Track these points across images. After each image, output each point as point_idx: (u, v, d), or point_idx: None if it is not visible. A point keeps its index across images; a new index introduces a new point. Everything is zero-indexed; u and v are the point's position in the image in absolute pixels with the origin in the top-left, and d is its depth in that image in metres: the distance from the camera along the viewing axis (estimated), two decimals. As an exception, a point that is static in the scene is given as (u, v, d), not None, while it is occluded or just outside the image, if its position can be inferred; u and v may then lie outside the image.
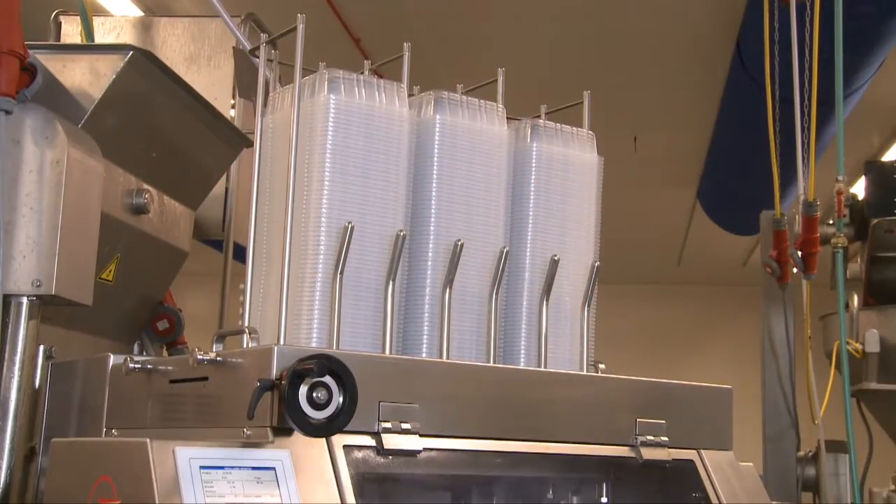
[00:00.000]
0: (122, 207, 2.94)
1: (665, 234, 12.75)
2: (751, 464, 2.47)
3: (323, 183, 2.23)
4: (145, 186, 3.03)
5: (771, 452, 4.93)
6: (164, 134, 3.12)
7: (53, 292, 2.41)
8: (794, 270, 4.58)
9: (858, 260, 4.86)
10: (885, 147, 9.51)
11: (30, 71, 2.53)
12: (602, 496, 2.56)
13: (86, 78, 2.70)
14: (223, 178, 3.99)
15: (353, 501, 1.87)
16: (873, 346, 4.42)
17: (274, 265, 2.27)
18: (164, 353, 3.65)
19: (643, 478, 2.47)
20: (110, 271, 2.96)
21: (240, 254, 2.92)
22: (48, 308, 2.51)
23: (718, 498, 2.35)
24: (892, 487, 4.87)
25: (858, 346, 4.42)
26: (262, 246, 2.32)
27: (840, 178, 4.40)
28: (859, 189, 5.11)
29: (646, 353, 11.75)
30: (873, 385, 4.49)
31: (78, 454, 2.02)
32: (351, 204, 2.25)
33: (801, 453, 4.94)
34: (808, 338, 4.68)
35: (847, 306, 4.48)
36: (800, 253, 4.41)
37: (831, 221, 4.54)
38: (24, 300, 2.41)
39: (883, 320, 4.52)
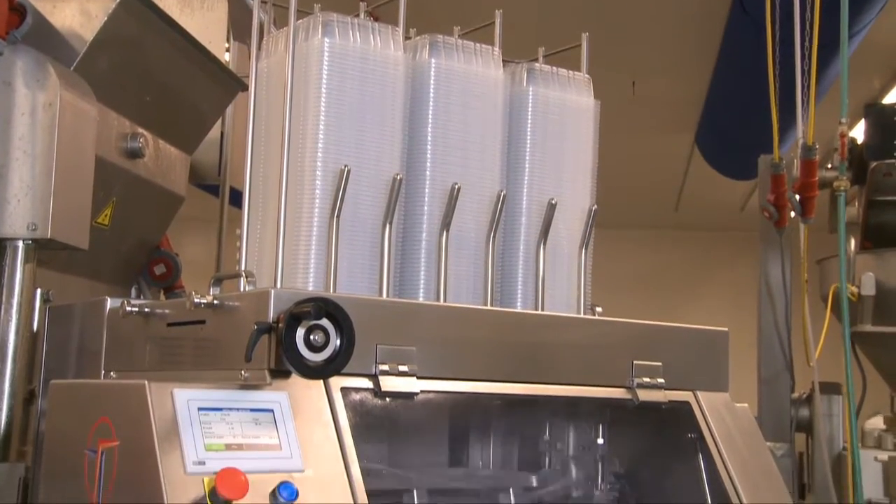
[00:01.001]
0: (116, 151, 2.93)
1: (663, 180, 12.72)
2: (746, 405, 2.49)
3: (318, 126, 2.22)
4: (140, 130, 3.01)
5: (765, 394, 4.97)
6: (157, 77, 3.09)
7: (49, 236, 2.40)
8: (792, 215, 4.57)
9: (856, 204, 4.85)
10: (885, 90, 9.45)
11: (19, 11, 2.50)
12: (599, 437, 2.59)
13: (77, 20, 2.67)
14: (218, 123, 3.96)
15: (351, 443, 1.88)
16: (869, 290, 4.43)
17: (270, 209, 2.26)
18: (162, 297, 3.66)
19: (639, 419, 2.49)
20: (106, 215, 2.95)
21: (236, 199, 2.91)
22: (44, 252, 2.51)
23: (714, 438, 2.37)
24: (884, 427, 4.92)
25: (854, 289, 4.43)
26: (258, 190, 2.31)
27: (843, 120, 4.38)
28: (858, 133, 5.08)
29: (643, 298, 11.78)
30: (868, 327, 4.51)
31: (77, 396, 2.03)
32: (346, 147, 2.24)
33: (795, 395, 4.98)
34: (805, 281, 4.69)
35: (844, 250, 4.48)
36: (798, 197, 4.40)
37: (830, 165, 4.52)
38: (20, 244, 2.41)
39: (879, 264, 4.53)
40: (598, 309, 2.57)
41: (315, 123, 2.22)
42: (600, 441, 2.58)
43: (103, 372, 2.29)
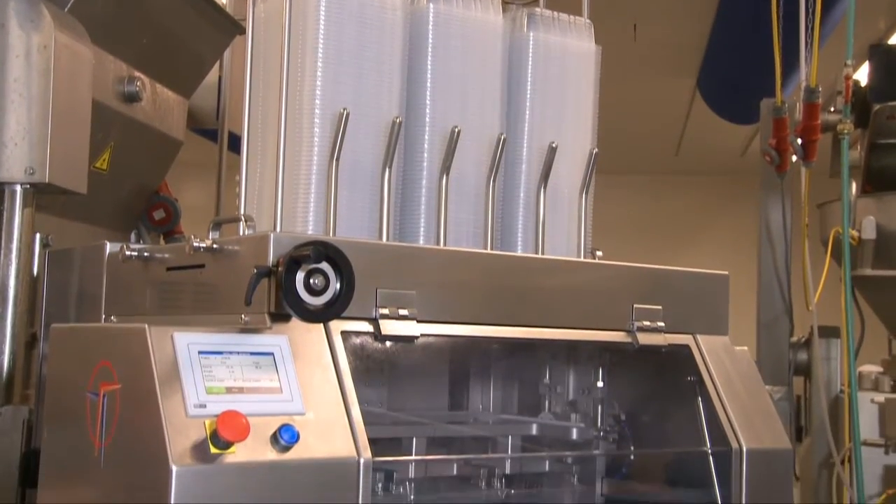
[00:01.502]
0: (113, 95, 2.91)
1: (663, 125, 12.65)
2: (745, 348, 2.49)
3: (316, 70, 2.20)
4: (137, 74, 2.98)
5: (764, 338, 4.99)
6: (154, 20, 3.05)
7: (47, 180, 2.39)
8: (794, 159, 4.55)
9: (858, 147, 4.83)
10: (891, 31, 9.33)
11: (10, -49, 2.47)
12: (598, 381, 2.60)
13: (70, -41, 2.63)
14: (216, 67, 3.93)
15: (352, 386, 1.88)
16: (870, 233, 4.42)
17: (269, 153, 2.25)
18: (161, 242, 3.66)
19: (639, 363, 2.50)
20: (104, 160, 2.94)
21: (235, 144, 2.89)
22: (43, 196, 2.50)
23: (713, 381, 2.38)
24: (881, 369, 4.95)
25: (855, 233, 4.42)
26: (257, 134, 2.30)
27: (848, 62, 4.33)
28: (862, 75, 5.04)
29: (643, 244, 11.78)
30: (868, 271, 4.51)
31: (77, 340, 2.04)
32: (345, 91, 2.23)
33: (794, 339, 5.00)
34: (806, 226, 4.68)
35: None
36: (799, 141, 4.37)
37: (832, 109, 4.49)
38: (18, 188, 2.40)
39: (880, 207, 4.52)
40: (599, 253, 2.56)
41: (313, 67, 2.20)
42: (600, 385, 2.59)
43: (104, 316, 2.29)
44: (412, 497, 2.28)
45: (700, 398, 2.39)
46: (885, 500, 4.73)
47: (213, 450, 1.67)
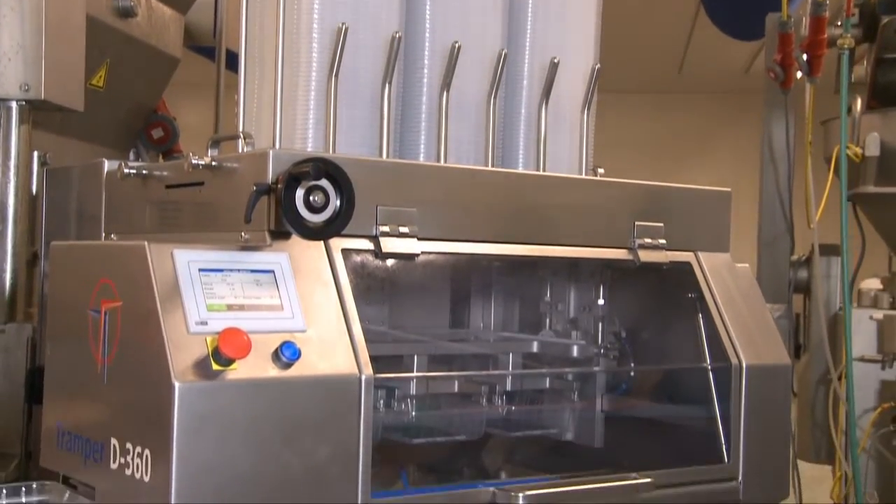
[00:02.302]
0: (108, 10, 2.86)
1: (666, 42, 12.50)
2: (746, 265, 2.49)
3: (314, -17, 2.15)
4: (131, -12, 2.93)
5: (765, 257, 5.00)
6: (148, -68, 2.99)
7: (43, 97, 2.37)
8: (798, 75, 4.50)
9: (864, 63, 4.76)
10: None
11: None
12: (599, 298, 2.60)
13: None
14: (213, -18, 3.86)
15: (353, 303, 1.89)
16: (873, 150, 4.39)
17: (267, 70, 2.22)
18: (160, 161, 3.65)
19: (640, 280, 2.50)
20: (100, 77, 2.90)
21: (233, 62, 2.86)
22: (39, 113, 2.48)
23: (714, 298, 2.38)
24: (881, 287, 4.96)
25: (858, 150, 4.39)
26: (255, 51, 2.26)
27: (856, -30, 4.25)
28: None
29: (645, 163, 11.74)
30: (870, 189, 4.49)
31: (77, 257, 2.04)
32: (343, 5, 2.18)
33: (795, 257, 5.01)
34: (809, 143, 4.65)
35: (850, 110, 4.41)
36: (805, 56, 4.31)
37: (839, 23, 4.41)
38: (14, 104, 2.38)
39: (885, 123, 4.47)
40: (600, 170, 2.55)
41: (310, -20, 2.15)
42: (601, 302, 2.60)
43: (104, 234, 2.29)
44: (413, 413, 2.30)
45: (701, 315, 2.40)
46: (880, 414, 4.79)
47: (215, 366, 1.68)
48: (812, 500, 6.68)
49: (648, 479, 2.15)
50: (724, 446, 2.32)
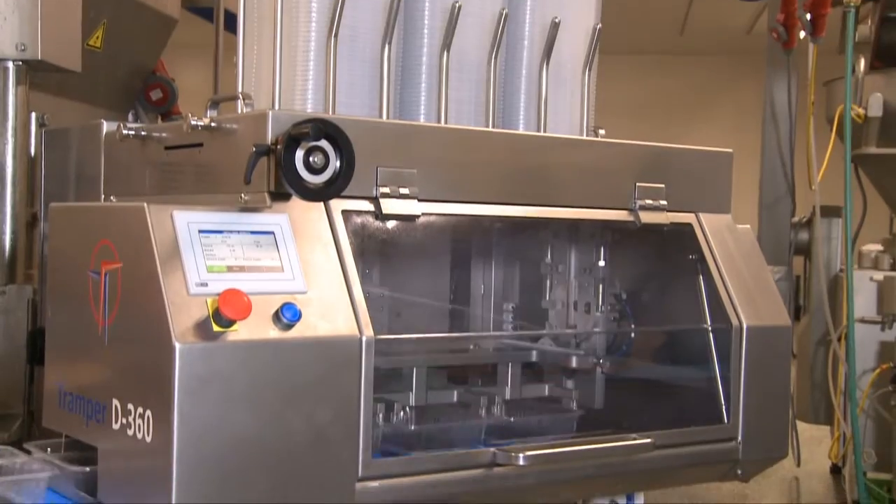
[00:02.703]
0: (105, -30, 2.83)
1: (668, 2, 12.41)
2: (748, 226, 2.48)
3: (313, -59, 2.12)
4: (127, -54, 2.90)
5: (766, 219, 4.99)
6: None
7: (39, 57, 2.35)
8: (802, 35, 4.46)
9: (868, 22, 4.72)
10: None
11: None
12: (600, 260, 2.60)
13: None
14: (210, -60, 3.82)
15: (353, 265, 1.88)
16: (876, 110, 4.36)
17: (266, 30, 2.20)
18: (159, 123, 3.63)
19: (641, 241, 2.50)
20: (98, 37, 2.88)
21: (232, 23, 2.83)
22: (36, 74, 2.46)
23: (715, 259, 2.37)
24: (881, 248, 4.96)
25: (861, 110, 4.36)
26: (254, 11, 2.24)
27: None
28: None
29: (647, 124, 11.69)
30: (873, 149, 4.47)
31: (77, 219, 2.03)
32: (343, -37, 2.15)
33: (796, 219, 5.00)
34: (811, 104, 4.62)
35: (853, 70, 4.38)
36: (808, 15, 4.28)
37: (844, -19, 4.37)
38: (10, 65, 2.36)
39: (888, 83, 4.44)
40: (601, 131, 2.53)
41: (309, -62, 2.13)
42: (601, 263, 2.60)
43: (103, 196, 2.28)
44: (414, 375, 2.31)
45: (701, 276, 2.39)
46: (879, 375, 4.81)
47: (216, 328, 1.68)
48: (810, 460, 6.73)
49: (648, 440, 2.16)
50: (723, 407, 2.32)
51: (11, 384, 2.47)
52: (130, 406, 1.76)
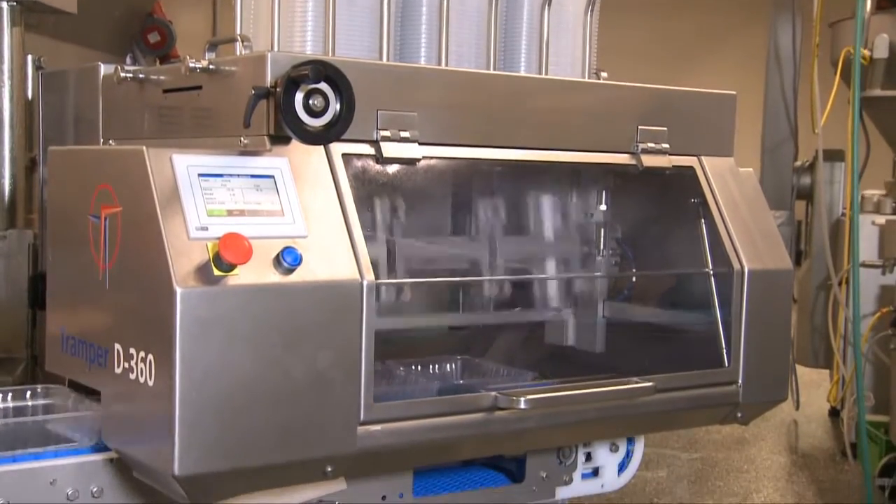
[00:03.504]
0: None
1: (673, -59, 12.25)
2: (750, 169, 2.47)
3: None
4: None
5: (768, 163, 4.98)
6: None
7: (34, -3, 2.32)
8: (807, -25, 4.40)
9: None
10: None
11: None
12: (601, 203, 2.59)
13: None
14: None
15: (354, 209, 1.88)
16: (882, 52, 4.31)
17: (264, -30, 2.16)
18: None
19: (643, 185, 2.48)
20: (94, -22, 2.84)
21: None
22: (32, 15, 2.44)
23: (717, 203, 2.36)
24: (884, 191, 4.95)
25: (866, 52, 4.31)
26: (252, -51, 2.20)
27: None
28: None
29: (649, 67, 11.59)
30: (877, 92, 4.43)
31: (76, 162, 2.02)
32: None
33: (798, 163, 4.99)
34: (816, 45, 4.58)
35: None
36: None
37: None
38: (5, 5, 2.33)
39: (895, 24, 4.39)
40: (603, 74, 2.51)
41: None
42: (603, 207, 2.59)
43: (101, 140, 2.27)
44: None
45: (703, 220, 2.38)
46: (879, 319, 4.83)
47: (217, 272, 1.67)
48: (809, 403, 6.78)
49: (649, 383, 2.17)
50: (724, 351, 2.33)
51: (14, 328, 2.48)
52: (132, 350, 1.76)
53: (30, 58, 2.46)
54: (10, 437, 1.94)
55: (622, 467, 2.60)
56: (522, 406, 1.98)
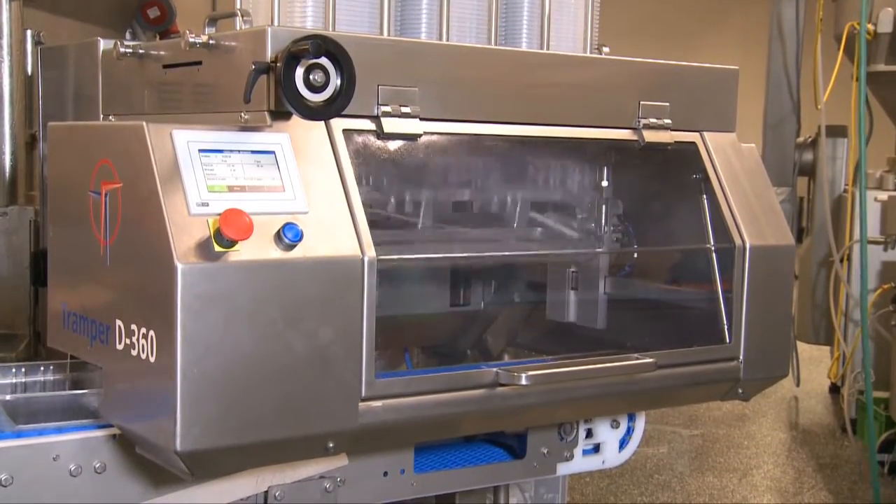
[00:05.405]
0: None
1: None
2: (752, 145, 2.46)
3: None
4: None
5: (770, 140, 4.97)
6: None
7: (32, -30, 2.31)
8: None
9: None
10: None
11: None
12: (603, 179, 2.58)
13: None
14: None
15: (355, 185, 1.87)
16: (886, 26, 4.29)
17: (264, -57, 2.15)
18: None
19: (645, 160, 2.48)
20: (92, -48, 2.82)
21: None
22: (29, -10, 2.42)
23: (719, 179, 2.36)
24: (887, 168, 4.94)
25: (871, 26, 4.29)
26: (251, -77, 2.19)
27: None
28: None
29: (651, 42, 11.53)
30: (881, 67, 4.41)
31: (76, 138, 2.01)
32: None
33: (800, 139, 4.97)
34: (820, 20, 4.55)
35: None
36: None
37: None
38: (3, -21, 2.32)
39: (900, -3, 4.37)
40: (605, 49, 2.49)
41: None
42: (605, 183, 2.58)
43: (101, 116, 2.26)
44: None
45: (705, 196, 2.38)
46: (880, 295, 4.83)
47: (217, 248, 1.67)
48: (809, 380, 6.80)
49: (651, 360, 2.17)
50: (725, 327, 2.33)
51: (16, 305, 2.48)
52: (134, 326, 1.76)
53: (29, 33, 2.45)
54: (54, 409, 1.98)
55: (623, 444, 2.61)
56: (524, 382, 1.98)
